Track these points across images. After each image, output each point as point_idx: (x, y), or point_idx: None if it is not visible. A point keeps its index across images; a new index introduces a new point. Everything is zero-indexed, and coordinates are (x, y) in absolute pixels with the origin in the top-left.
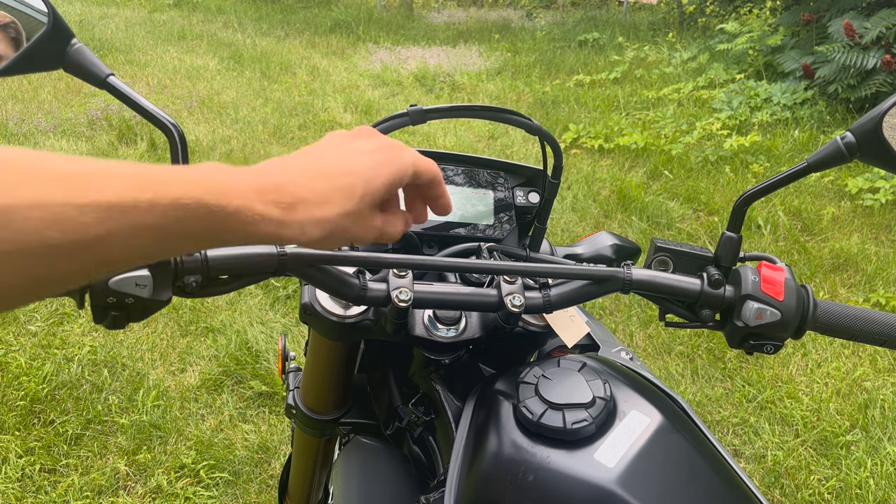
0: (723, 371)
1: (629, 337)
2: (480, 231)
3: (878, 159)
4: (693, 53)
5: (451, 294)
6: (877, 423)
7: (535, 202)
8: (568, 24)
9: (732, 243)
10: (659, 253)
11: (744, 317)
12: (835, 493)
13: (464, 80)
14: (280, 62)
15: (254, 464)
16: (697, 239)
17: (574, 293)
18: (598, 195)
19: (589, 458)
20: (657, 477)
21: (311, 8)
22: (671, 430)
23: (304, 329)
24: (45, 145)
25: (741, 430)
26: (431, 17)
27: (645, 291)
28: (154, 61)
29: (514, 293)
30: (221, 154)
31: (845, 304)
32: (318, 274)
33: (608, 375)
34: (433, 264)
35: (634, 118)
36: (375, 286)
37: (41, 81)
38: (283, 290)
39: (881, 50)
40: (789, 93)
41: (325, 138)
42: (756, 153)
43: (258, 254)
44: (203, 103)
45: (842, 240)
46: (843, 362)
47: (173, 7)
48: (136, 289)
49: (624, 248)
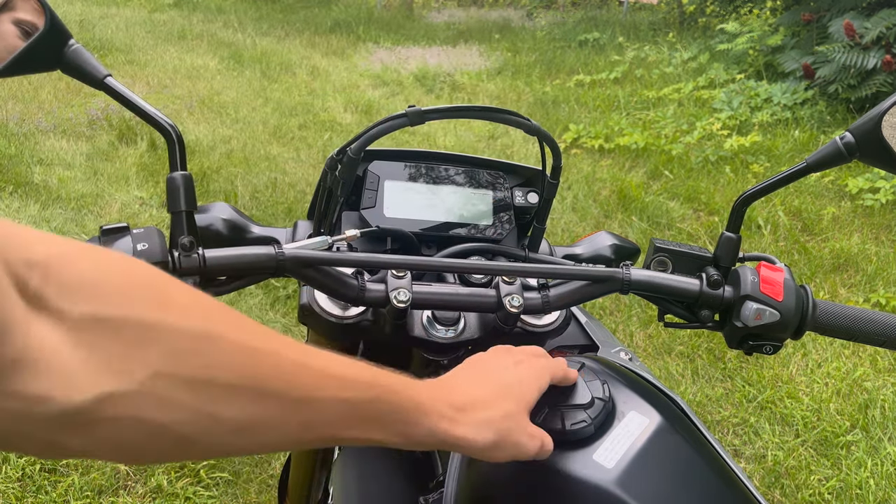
0: (723, 371)
1: (629, 337)
2: (479, 231)
3: (878, 159)
4: (693, 53)
5: (449, 295)
6: (877, 424)
7: (534, 202)
8: (568, 24)
9: (732, 243)
10: (658, 253)
11: (743, 317)
12: (835, 494)
13: (464, 79)
14: (280, 62)
15: (254, 464)
16: (697, 239)
17: (573, 293)
18: (598, 195)
19: (588, 459)
20: (656, 478)
21: (311, 8)
22: (670, 431)
23: (305, 329)
24: (45, 145)
25: (741, 430)
26: (431, 16)
27: (644, 292)
28: (154, 61)
29: (513, 294)
30: (221, 154)
31: (845, 305)
32: (317, 275)
33: (607, 376)
34: (432, 265)
35: (635, 118)
36: (374, 287)
37: (41, 81)
38: (283, 290)
39: (881, 50)
40: (789, 93)
41: (468, 361)
42: (756, 153)
43: (257, 254)
44: (203, 103)
45: (842, 240)
46: (843, 362)
47: (173, 7)
48: None
49: (623, 249)
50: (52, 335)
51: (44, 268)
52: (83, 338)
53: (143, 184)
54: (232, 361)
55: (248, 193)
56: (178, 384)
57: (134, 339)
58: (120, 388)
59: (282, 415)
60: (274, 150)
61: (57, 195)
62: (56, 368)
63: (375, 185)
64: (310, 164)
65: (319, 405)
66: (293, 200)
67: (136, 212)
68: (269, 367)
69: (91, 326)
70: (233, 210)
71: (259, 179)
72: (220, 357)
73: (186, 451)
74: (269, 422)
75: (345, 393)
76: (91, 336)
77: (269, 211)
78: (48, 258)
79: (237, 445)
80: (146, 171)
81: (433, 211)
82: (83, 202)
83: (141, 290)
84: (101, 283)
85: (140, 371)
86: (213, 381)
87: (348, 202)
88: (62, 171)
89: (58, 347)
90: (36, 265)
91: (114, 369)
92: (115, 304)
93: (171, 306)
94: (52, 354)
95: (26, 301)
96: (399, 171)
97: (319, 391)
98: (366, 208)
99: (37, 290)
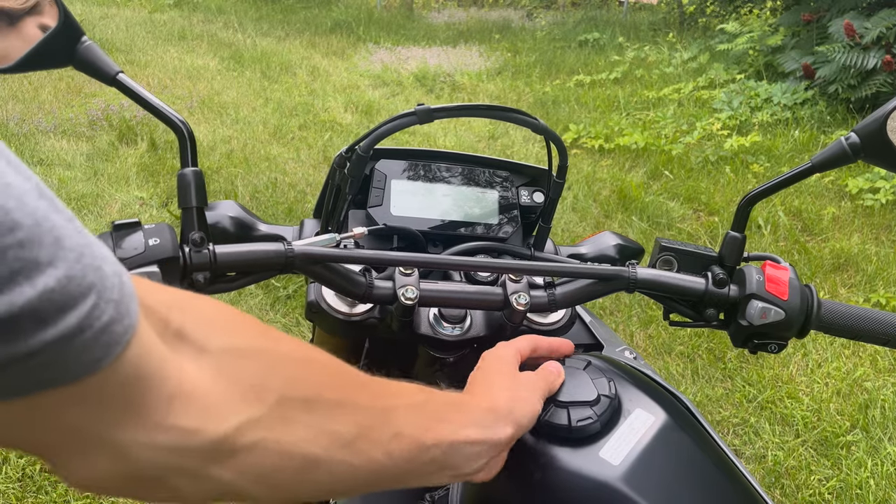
0: (723, 371)
1: (630, 337)
2: (485, 230)
3: (882, 160)
4: (693, 53)
5: (456, 292)
6: (877, 424)
7: (540, 202)
8: (568, 24)
9: (736, 243)
10: (664, 252)
11: (748, 316)
12: (835, 494)
13: (464, 80)
14: (280, 62)
15: None
16: (698, 239)
17: (579, 292)
18: (598, 195)
19: (594, 455)
20: (662, 475)
21: (312, 8)
22: (676, 429)
23: (306, 329)
24: (45, 145)
25: (741, 430)
26: (432, 17)
27: (650, 290)
28: (154, 61)
29: (520, 292)
30: (222, 154)
31: (849, 304)
32: (325, 272)
33: (613, 374)
34: (439, 262)
35: (635, 118)
36: (381, 284)
37: (41, 81)
38: (283, 291)
39: (882, 50)
40: (790, 93)
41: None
42: (756, 153)
43: (266, 251)
44: (203, 103)
45: (842, 240)
46: (843, 362)
47: (173, 7)
48: None
49: (627, 248)
50: (195, 369)
51: (179, 307)
52: (223, 369)
53: (143, 184)
54: (331, 381)
55: (248, 193)
56: (297, 405)
57: (262, 368)
58: (255, 415)
59: (374, 423)
60: (274, 150)
61: (57, 195)
62: (204, 401)
63: (382, 183)
64: (310, 164)
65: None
66: (293, 200)
67: (136, 212)
68: (357, 385)
69: (228, 358)
70: (240, 208)
71: (259, 179)
72: (322, 378)
73: (314, 475)
74: (369, 434)
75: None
76: (228, 367)
77: (270, 211)
78: (178, 300)
79: (351, 464)
80: (146, 171)
81: (439, 210)
82: (83, 202)
83: (253, 324)
84: (225, 320)
85: (270, 396)
86: (320, 398)
87: (355, 200)
88: (62, 171)
89: (202, 380)
90: (172, 306)
91: (249, 397)
92: (242, 337)
93: (277, 337)
94: (198, 387)
95: (170, 339)
96: (406, 170)
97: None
98: (373, 206)
99: (179, 327)
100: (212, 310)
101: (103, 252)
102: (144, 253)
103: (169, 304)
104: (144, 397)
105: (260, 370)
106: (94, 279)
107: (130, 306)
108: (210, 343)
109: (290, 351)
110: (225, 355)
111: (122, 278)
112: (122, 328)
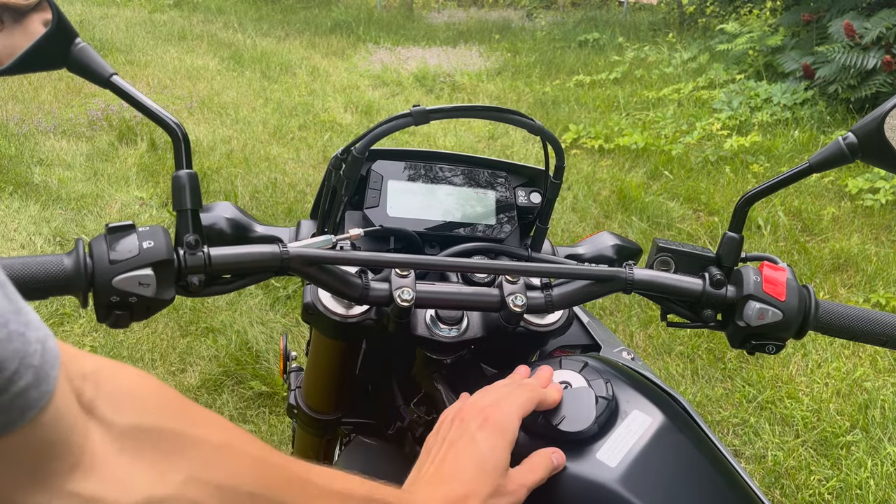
0: (723, 371)
1: (629, 337)
2: (482, 231)
3: (880, 160)
4: (693, 54)
5: (453, 294)
6: (877, 424)
7: (537, 202)
8: (568, 25)
9: (734, 243)
10: (661, 253)
11: (746, 317)
12: (835, 494)
13: (464, 80)
14: (280, 62)
15: None
16: (697, 239)
17: (576, 293)
18: (598, 195)
19: (591, 457)
20: (659, 476)
21: (312, 8)
22: (673, 430)
23: (305, 329)
24: (45, 146)
25: (741, 430)
26: (431, 17)
27: (647, 291)
28: (154, 61)
29: (517, 293)
30: (222, 154)
31: (847, 305)
32: (321, 273)
33: (610, 375)
34: (435, 264)
35: (634, 118)
36: (378, 286)
37: (41, 82)
38: (283, 291)
39: (881, 50)
40: (789, 93)
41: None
42: (756, 153)
43: (262, 253)
44: (203, 103)
45: (842, 240)
46: (843, 362)
47: (173, 7)
48: (140, 288)
49: (625, 249)
50: (101, 441)
51: (94, 380)
52: (127, 445)
53: (143, 184)
54: (251, 471)
55: (248, 194)
56: (208, 490)
57: (169, 448)
58: (159, 493)
59: None
60: (274, 150)
61: (57, 195)
62: (107, 473)
63: (379, 184)
64: (310, 164)
65: None
66: (293, 201)
67: (136, 212)
68: (281, 480)
69: (134, 435)
70: (236, 209)
71: (259, 180)
72: (241, 467)
73: None
74: None
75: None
76: (134, 444)
77: (269, 211)
78: (96, 371)
79: None
80: (146, 171)
81: (436, 210)
82: (83, 202)
83: (171, 403)
84: (140, 397)
85: (176, 476)
86: (236, 488)
87: (352, 202)
88: (62, 171)
89: (107, 453)
90: (88, 377)
91: (154, 475)
92: (153, 416)
93: (196, 419)
94: (103, 459)
95: (83, 410)
96: (402, 171)
97: (328, 500)
98: (369, 208)
99: (90, 400)
100: (131, 384)
101: (29, 318)
102: (138, 255)
103: (86, 374)
104: (51, 462)
105: (167, 450)
106: (18, 345)
107: (50, 373)
108: (117, 419)
109: (206, 434)
110: (131, 432)
111: (45, 344)
112: (37, 394)
